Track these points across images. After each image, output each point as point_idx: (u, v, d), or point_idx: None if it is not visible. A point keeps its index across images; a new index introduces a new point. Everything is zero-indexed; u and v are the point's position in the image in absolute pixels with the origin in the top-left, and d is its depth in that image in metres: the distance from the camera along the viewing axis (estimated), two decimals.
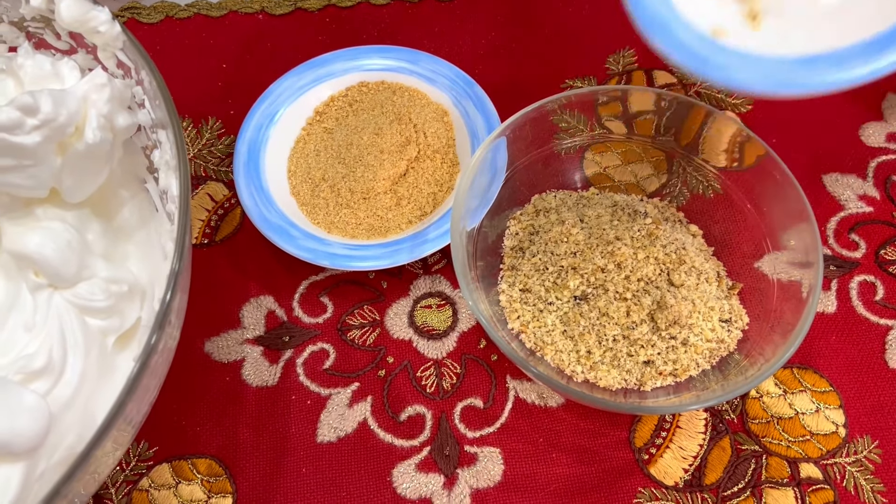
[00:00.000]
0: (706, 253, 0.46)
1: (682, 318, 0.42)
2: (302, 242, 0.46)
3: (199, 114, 0.53)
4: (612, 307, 0.43)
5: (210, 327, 0.46)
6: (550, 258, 0.45)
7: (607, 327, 0.43)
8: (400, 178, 0.49)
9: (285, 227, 0.47)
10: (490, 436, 0.43)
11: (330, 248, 0.46)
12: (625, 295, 0.43)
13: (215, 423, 0.44)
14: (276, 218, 0.47)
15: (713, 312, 0.43)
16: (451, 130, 0.51)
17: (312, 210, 0.49)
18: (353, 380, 0.45)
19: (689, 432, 0.43)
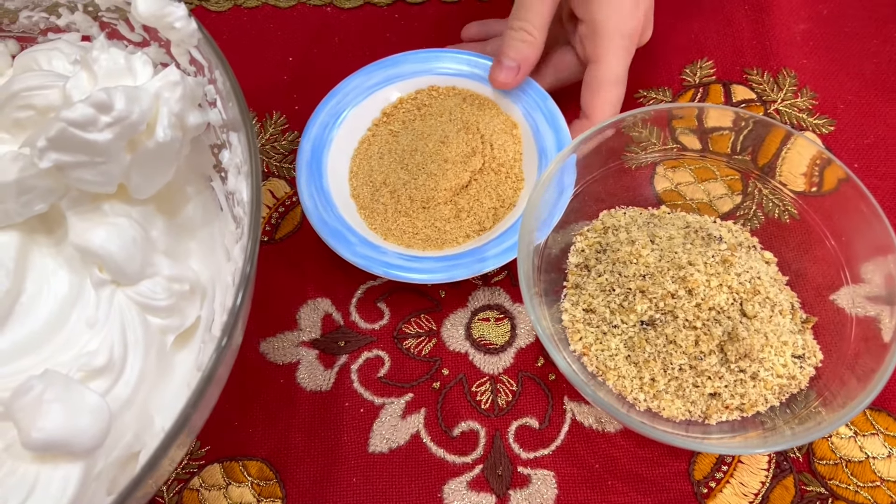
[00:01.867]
0: (780, 283, 0.45)
1: (753, 352, 0.40)
2: (358, 249, 0.45)
3: (264, 108, 0.53)
4: (681, 335, 0.41)
5: (266, 327, 0.46)
6: (618, 279, 0.43)
7: (674, 356, 0.41)
8: (462, 189, 0.48)
9: (343, 231, 0.46)
10: (545, 458, 0.42)
11: (385, 256, 0.45)
12: (694, 323, 0.41)
13: (268, 426, 0.43)
14: (335, 221, 0.46)
15: (786, 347, 0.41)
16: (519, 144, 0.49)
17: (371, 215, 0.48)
18: (408, 390, 0.44)
19: (751, 468, 0.42)
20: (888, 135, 0.51)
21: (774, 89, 0.53)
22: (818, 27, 0.55)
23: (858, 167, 0.50)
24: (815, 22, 0.55)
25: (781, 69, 0.53)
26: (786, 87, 0.53)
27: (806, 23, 0.55)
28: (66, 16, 0.43)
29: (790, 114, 0.52)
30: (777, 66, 0.53)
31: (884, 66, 0.54)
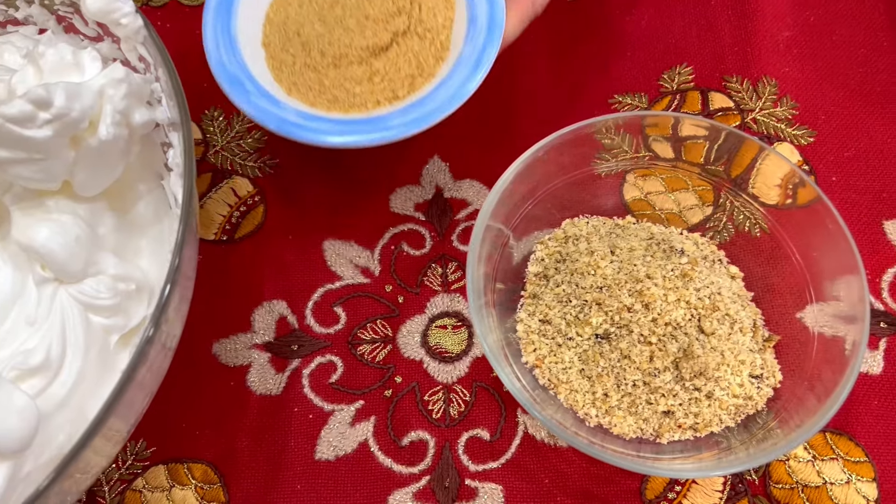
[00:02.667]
0: (744, 299, 0.43)
1: (708, 370, 0.39)
2: (254, 99, 0.43)
3: (230, 104, 0.52)
4: (635, 350, 0.40)
5: (220, 328, 0.45)
6: (575, 290, 0.42)
7: (627, 371, 0.40)
8: (380, 51, 0.44)
9: (242, 78, 0.43)
10: (493, 471, 0.42)
11: (282, 111, 0.42)
12: (650, 339, 0.40)
13: (216, 429, 0.43)
14: (235, 67, 0.43)
15: (743, 366, 0.40)
16: (452, 10, 0.45)
17: (278, 66, 0.45)
18: (359, 397, 0.43)
19: (705, 489, 0.41)
20: (870, 147, 0.50)
21: (753, 98, 0.51)
22: (803, 35, 0.53)
23: (837, 180, 0.49)
24: (800, 29, 0.53)
25: (762, 77, 0.52)
26: (765, 95, 0.51)
27: (791, 30, 0.53)
28: (24, 8, 0.43)
29: (768, 123, 0.50)
30: (758, 73, 0.52)
31: (871, 77, 0.52)
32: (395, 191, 0.49)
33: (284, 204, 0.49)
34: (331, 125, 0.42)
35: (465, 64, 0.43)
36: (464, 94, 0.42)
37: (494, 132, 0.51)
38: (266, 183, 0.49)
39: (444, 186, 0.49)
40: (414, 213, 0.48)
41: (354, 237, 0.48)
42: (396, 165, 0.50)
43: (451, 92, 0.42)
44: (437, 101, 0.42)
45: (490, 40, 0.43)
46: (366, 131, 0.42)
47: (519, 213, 0.44)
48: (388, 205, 0.49)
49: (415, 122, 0.42)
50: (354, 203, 0.49)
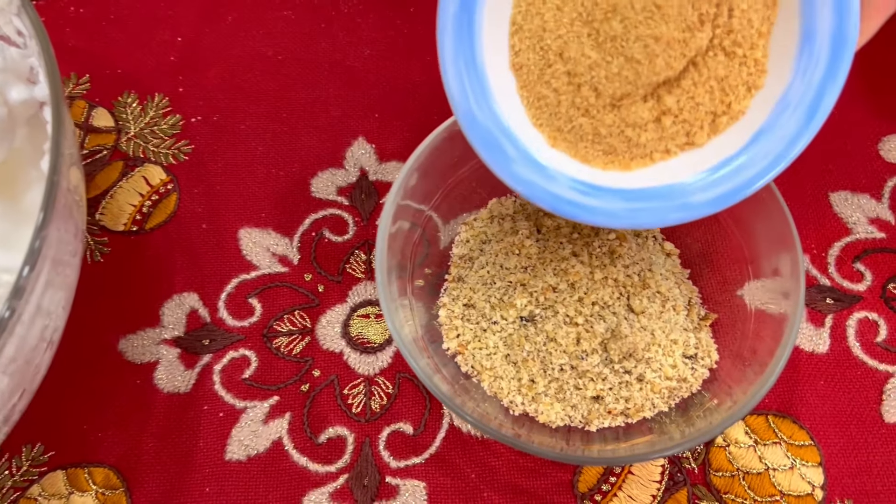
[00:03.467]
0: (679, 276, 0.41)
1: (637, 351, 0.37)
2: (517, 168, 0.32)
3: (147, 89, 0.49)
4: (561, 332, 0.37)
5: (127, 323, 0.42)
6: (499, 272, 0.40)
7: (553, 354, 0.37)
8: (673, 81, 0.30)
9: (498, 136, 0.32)
10: (416, 467, 0.39)
11: (554, 183, 0.32)
12: (576, 319, 0.37)
13: (119, 430, 0.40)
14: (488, 117, 0.32)
15: (676, 346, 0.37)
16: (774, 11, 0.29)
17: (536, 102, 0.33)
18: (273, 393, 0.41)
19: (642, 480, 0.38)
20: None
21: None
22: None
23: None
24: None
25: None
26: None
27: None
28: None
29: None
30: None
31: None
32: (317, 174, 0.46)
33: (199, 191, 0.46)
34: (618, 202, 0.31)
35: (793, 107, 0.28)
36: (788, 153, 0.29)
37: (423, 110, 0.48)
38: (180, 170, 0.47)
39: (369, 169, 0.47)
40: (336, 198, 0.46)
41: (272, 224, 0.45)
42: (318, 148, 0.47)
43: (771, 147, 0.29)
44: (752, 158, 0.30)
45: (833, 73, 0.27)
46: (657, 209, 0.31)
47: (440, 191, 0.42)
48: (309, 189, 0.46)
49: (727, 194, 0.30)
50: (273, 188, 0.46)
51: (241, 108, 0.49)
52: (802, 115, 0.28)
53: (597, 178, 0.32)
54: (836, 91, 0.28)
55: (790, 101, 0.28)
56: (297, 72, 0.50)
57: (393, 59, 0.50)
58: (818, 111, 0.28)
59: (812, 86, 0.28)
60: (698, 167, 0.31)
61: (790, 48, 0.29)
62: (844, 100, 0.47)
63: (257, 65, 0.50)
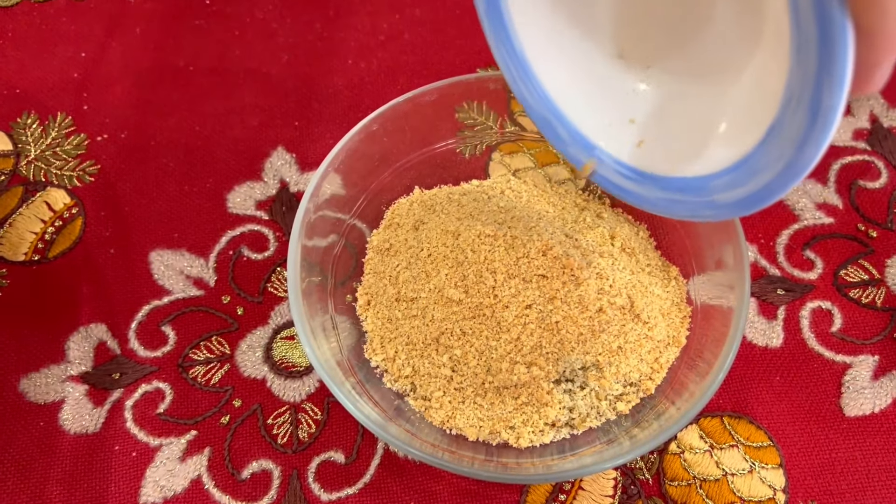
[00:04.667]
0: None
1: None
2: (571, 150, 0.32)
3: (48, 109, 0.46)
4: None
5: (29, 361, 0.39)
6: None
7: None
8: None
9: (549, 118, 0.32)
10: (350, 499, 0.36)
11: (602, 166, 0.32)
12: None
13: (21, 478, 0.36)
14: (537, 102, 0.32)
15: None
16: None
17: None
18: (191, 427, 0.37)
19: (593, 495, 0.35)
20: None
21: None
22: None
23: None
24: None
25: None
26: None
27: None
28: None
29: None
30: None
31: None
32: (233, 189, 0.43)
33: (106, 214, 0.43)
34: (656, 190, 0.30)
35: (797, 102, 0.23)
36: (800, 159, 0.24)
37: (346, 115, 0.46)
38: (86, 193, 0.43)
39: (289, 180, 0.44)
40: (255, 213, 0.43)
41: (186, 245, 0.42)
42: (234, 160, 0.44)
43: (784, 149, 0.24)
44: (766, 160, 0.25)
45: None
46: (696, 205, 0.29)
47: (363, 196, 0.39)
48: (225, 205, 0.43)
49: (747, 199, 0.26)
50: (186, 207, 0.43)
51: (151, 123, 0.46)
52: (806, 115, 0.23)
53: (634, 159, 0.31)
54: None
55: (794, 95, 0.23)
56: (210, 82, 0.47)
57: (312, 64, 0.48)
58: (820, 111, 0.22)
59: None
60: (721, 163, 0.28)
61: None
62: None
63: (167, 77, 0.47)
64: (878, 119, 0.45)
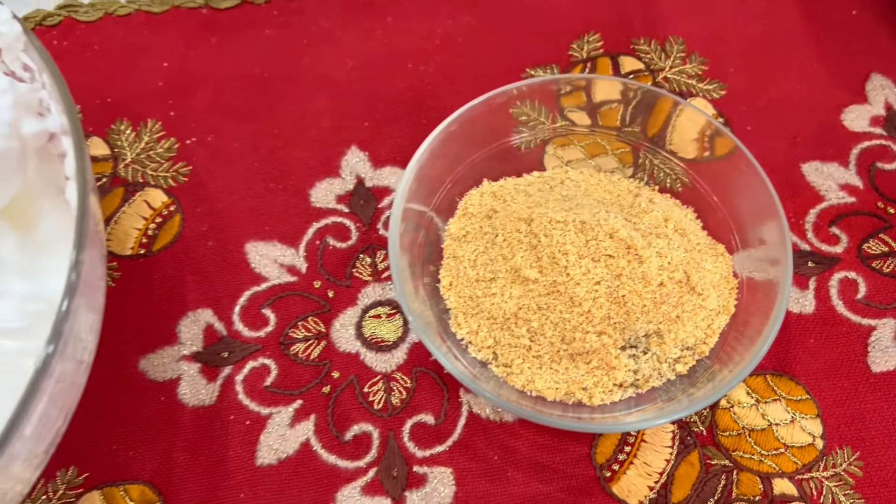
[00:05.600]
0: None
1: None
2: None
3: (139, 116, 0.50)
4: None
5: (146, 344, 0.44)
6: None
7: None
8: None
9: None
10: (441, 455, 0.41)
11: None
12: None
13: (149, 447, 0.41)
14: None
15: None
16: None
17: None
18: (296, 397, 0.42)
19: (654, 447, 0.40)
20: (780, 95, 0.50)
21: (662, 57, 0.51)
22: None
23: (752, 129, 0.49)
24: None
25: (668, 37, 0.52)
26: (673, 54, 0.52)
27: None
28: None
29: (679, 81, 0.51)
30: (664, 33, 0.52)
31: (771, 28, 0.53)
32: (315, 185, 0.48)
33: (202, 211, 0.47)
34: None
35: None
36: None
37: (410, 115, 0.50)
38: (181, 192, 0.48)
39: (364, 176, 0.48)
40: (336, 206, 0.47)
41: (277, 236, 0.46)
42: (313, 159, 0.49)
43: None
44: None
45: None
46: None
47: (439, 192, 0.44)
48: (309, 200, 0.48)
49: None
50: (273, 203, 0.47)
51: (233, 126, 0.50)
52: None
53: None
54: None
55: None
56: (284, 88, 0.52)
57: (375, 68, 0.52)
58: None
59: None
60: None
61: None
62: (808, 79, 0.50)
63: (245, 83, 0.52)
64: (892, 107, 0.50)
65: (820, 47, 0.52)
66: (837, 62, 0.52)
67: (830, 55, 0.52)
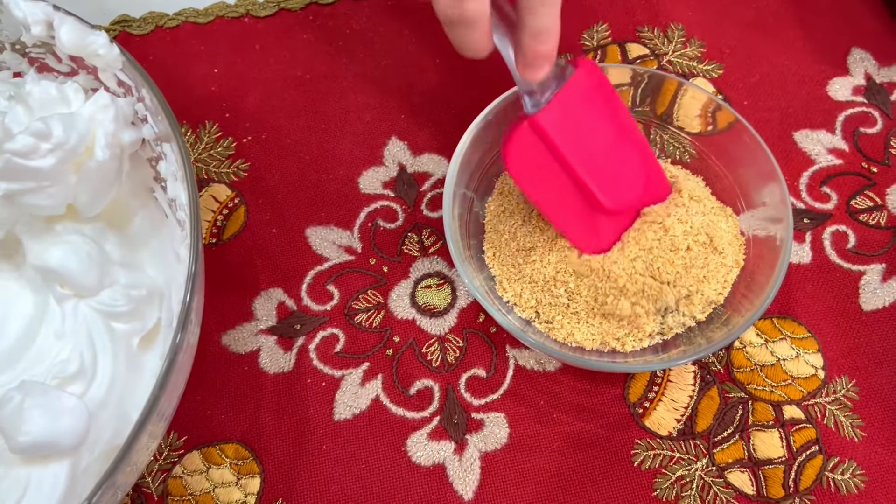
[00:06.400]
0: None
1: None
2: None
3: (197, 119, 0.56)
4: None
5: (226, 321, 0.49)
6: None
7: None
8: None
9: None
10: (494, 402, 0.47)
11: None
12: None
13: (238, 411, 0.47)
14: None
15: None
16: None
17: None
18: (364, 360, 0.48)
19: (679, 385, 0.47)
20: (771, 71, 0.56)
21: (665, 43, 0.57)
22: None
23: (748, 104, 0.55)
24: None
25: (669, 24, 0.58)
26: (675, 39, 0.57)
27: None
28: None
29: (681, 63, 0.57)
30: (665, 21, 0.58)
31: (761, 11, 0.59)
32: (362, 174, 0.54)
33: (263, 202, 0.53)
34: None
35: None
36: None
37: (443, 106, 0.56)
38: (243, 185, 0.53)
39: (405, 163, 0.54)
40: (383, 191, 0.53)
41: (333, 221, 0.52)
42: (358, 150, 0.54)
43: None
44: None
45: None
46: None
47: (478, 175, 0.49)
48: (358, 187, 0.53)
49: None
50: (327, 191, 0.53)
51: (284, 124, 0.56)
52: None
53: None
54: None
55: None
56: (325, 87, 0.57)
57: (408, 65, 0.58)
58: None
59: None
60: None
61: None
62: (795, 56, 0.56)
63: (289, 84, 0.57)
64: (871, 77, 0.56)
65: (805, 26, 0.58)
66: (821, 39, 0.58)
67: (815, 33, 0.58)
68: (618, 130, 0.43)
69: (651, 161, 0.45)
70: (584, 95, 0.41)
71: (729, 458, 0.44)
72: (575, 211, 0.44)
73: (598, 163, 0.43)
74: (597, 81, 0.42)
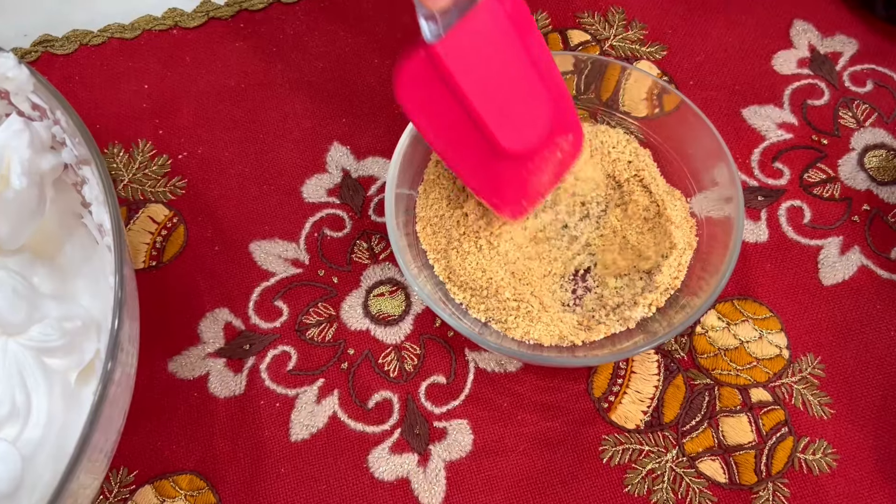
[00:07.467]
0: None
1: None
2: None
3: (129, 137, 0.54)
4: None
5: (171, 347, 0.47)
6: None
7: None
8: None
9: None
10: (456, 409, 0.45)
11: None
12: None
13: (190, 440, 0.45)
14: None
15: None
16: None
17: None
18: (318, 376, 0.46)
19: (643, 376, 0.45)
20: (716, 49, 0.55)
21: (606, 27, 0.56)
22: None
23: (694, 84, 0.54)
24: None
25: (609, 8, 0.57)
26: (616, 23, 0.56)
27: None
28: None
29: (624, 47, 0.56)
30: (605, 5, 0.57)
31: None
32: (305, 182, 0.52)
33: (203, 219, 0.51)
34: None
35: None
36: None
37: (383, 108, 0.54)
38: (181, 204, 0.51)
39: (349, 168, 0.52)
40: (328, 199, 0.51)
41: (277, 234, 0.50)
42: (300, 158, 0.53)
43: None
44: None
45: None
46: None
47: (422, 176, 0.48)
48: (302, 197, 0.51)
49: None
50: (269, 203, 0.51)
51: (220, 136, 0.54)
52: None
53: None
54: None
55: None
56: (261, 95, 0.55)
57: (346, 66, 0.56)
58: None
59: None
60: None
61: None
62: (738, 32, 0.55)
63: (224, 96, 0.55)
64: (815, 48, 0.55)
65: (746, 1, 0.57)
66: (763, 13, 0.57)
67: (756, 7, 0.57)
68: (527, 65, 0.39)
69: (565, 101, 0.42)
70: (492, 24, 0.37)
71: (699, 447, 0.43)
72: (475, 154, 0.40)
73: (498, 101, 0.39)
74: (510, 9, 0.38)
